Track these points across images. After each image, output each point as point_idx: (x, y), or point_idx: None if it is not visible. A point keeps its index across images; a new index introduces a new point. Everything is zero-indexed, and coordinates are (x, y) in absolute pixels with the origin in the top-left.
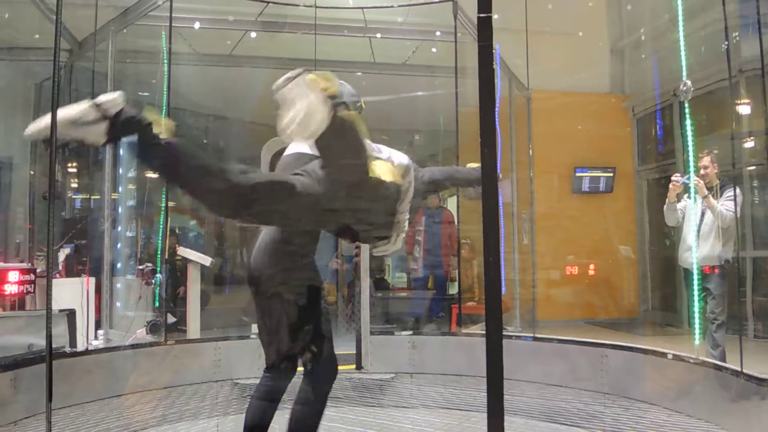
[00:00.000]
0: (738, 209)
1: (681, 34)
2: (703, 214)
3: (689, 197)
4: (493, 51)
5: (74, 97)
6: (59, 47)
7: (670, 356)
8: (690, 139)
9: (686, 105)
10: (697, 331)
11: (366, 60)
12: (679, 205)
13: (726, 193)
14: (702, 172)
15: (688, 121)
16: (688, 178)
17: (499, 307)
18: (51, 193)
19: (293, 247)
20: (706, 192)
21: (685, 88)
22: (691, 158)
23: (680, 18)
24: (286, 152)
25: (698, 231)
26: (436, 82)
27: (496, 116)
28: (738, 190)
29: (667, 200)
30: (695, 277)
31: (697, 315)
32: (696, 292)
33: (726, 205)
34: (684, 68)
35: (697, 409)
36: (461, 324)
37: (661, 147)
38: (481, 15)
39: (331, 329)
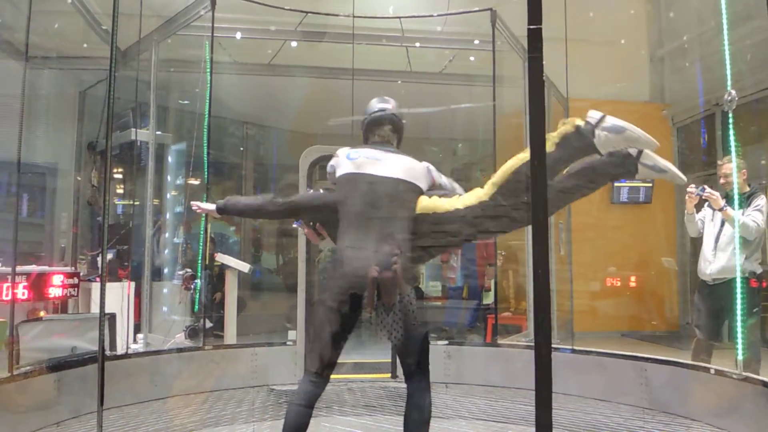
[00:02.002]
0: (764, 219)
1: (726, 42)
2: (722, 224)
3: (709, 206)
4: (543, 62)
5: (117, 104)
6: (115, 58)
7: (712, 371)
8: (733, 149)
9: (730, 114)
10: (740, 346)
11: (403, 69)
12: (699, 216)
13: (755, 202)
14: (722, 180)
15: (731, 131)
16: (702, 189)
17: (548, 319)
18: (105, 201)
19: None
20: (721, 204)
21: (729, 98)
22: (734, 169)
23: (725, 26)
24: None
25: (716, 241)
26: (473, 91)
27: (545, 127)
28: (765, 200)
29: (686, 212)
30: (738, 288)
31: (740, 329)
32: (739, 306)
33: (753, 215)
34: (729, 77)
35: (740, 426)
36: (497, 334)
37: (704, 157)
38: (531, 27)
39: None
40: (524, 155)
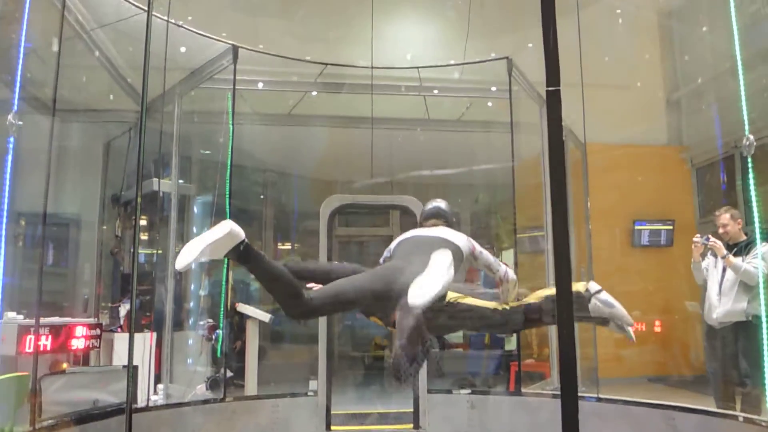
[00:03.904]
0: (765, 264)
1: (741, 84)
2: (724, 270)
3: (712, 255)
4: (563, 123)
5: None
6: (144, 114)
7: (740, 419)
8: (753, 194)
9: (749, 159)
10: (767, 391)
11: (421, 117)
12: (703, 264)
13: (754, 250)
14: (721, 230)
15: (750, 175)
16: (707, 239)
17: (574, 372)
18: (133, 251)
19: None
20: (724, 252)
21: (747, 143)
22: (755, 211)
23: (740, 68)
24: None
25: (720, 287)
26: (491, 138)
27: (567, 181)
28: (766, 247)
29: (692, 260)
30: (765, 330)
31: (767, 374)
32: (765, 348)
33: (754, 262)
34: (746, 120)
35: None
36: (520, 382)
37: (724, 200)
38: (550, 89)
39: None
40: (543, 293)
